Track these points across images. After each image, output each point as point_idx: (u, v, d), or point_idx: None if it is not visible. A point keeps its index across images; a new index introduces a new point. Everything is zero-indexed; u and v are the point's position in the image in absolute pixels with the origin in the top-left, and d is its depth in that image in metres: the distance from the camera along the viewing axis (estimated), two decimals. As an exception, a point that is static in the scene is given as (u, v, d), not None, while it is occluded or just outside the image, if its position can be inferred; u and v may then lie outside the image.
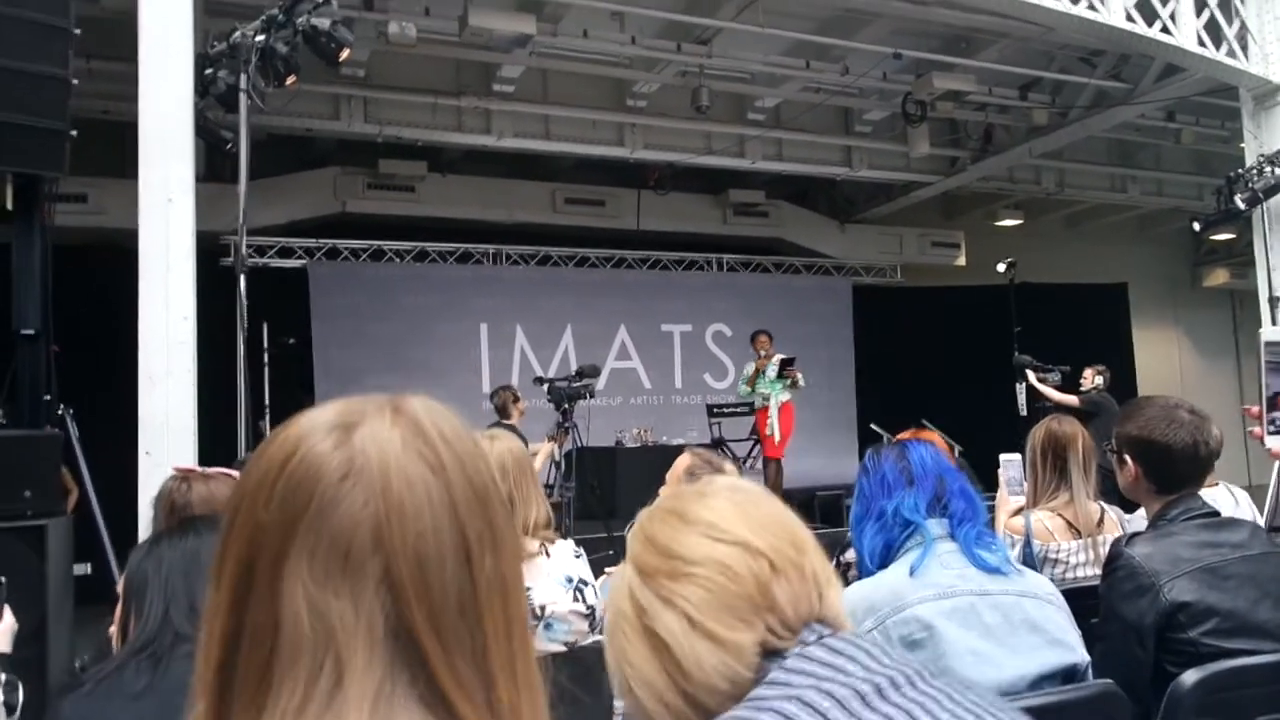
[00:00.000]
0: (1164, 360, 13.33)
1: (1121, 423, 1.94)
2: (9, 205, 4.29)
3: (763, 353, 7.85)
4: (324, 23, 4.48)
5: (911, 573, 1.50)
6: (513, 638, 0.57)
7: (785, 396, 7.85)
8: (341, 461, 0.56)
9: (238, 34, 4.49)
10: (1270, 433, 1.64)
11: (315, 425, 0.58)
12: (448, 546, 0.55)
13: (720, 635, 0.76)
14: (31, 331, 4.24)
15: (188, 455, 4.09)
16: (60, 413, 4.34)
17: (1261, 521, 2.59)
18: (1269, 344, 1.62)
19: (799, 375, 7.88)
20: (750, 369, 7.97)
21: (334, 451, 0.56)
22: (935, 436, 2.92)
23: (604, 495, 7.10)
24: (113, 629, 1.58)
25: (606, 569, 3.18)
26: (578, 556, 2.22)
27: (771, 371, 7.83)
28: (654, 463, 7.02)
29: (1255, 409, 1.65)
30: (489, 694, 0.55)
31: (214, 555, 0.58)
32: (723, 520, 0.82)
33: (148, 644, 1.41)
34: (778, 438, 7.76)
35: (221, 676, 0.55)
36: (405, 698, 0.53)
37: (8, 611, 1.89)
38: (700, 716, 0.76)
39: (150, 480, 3.84)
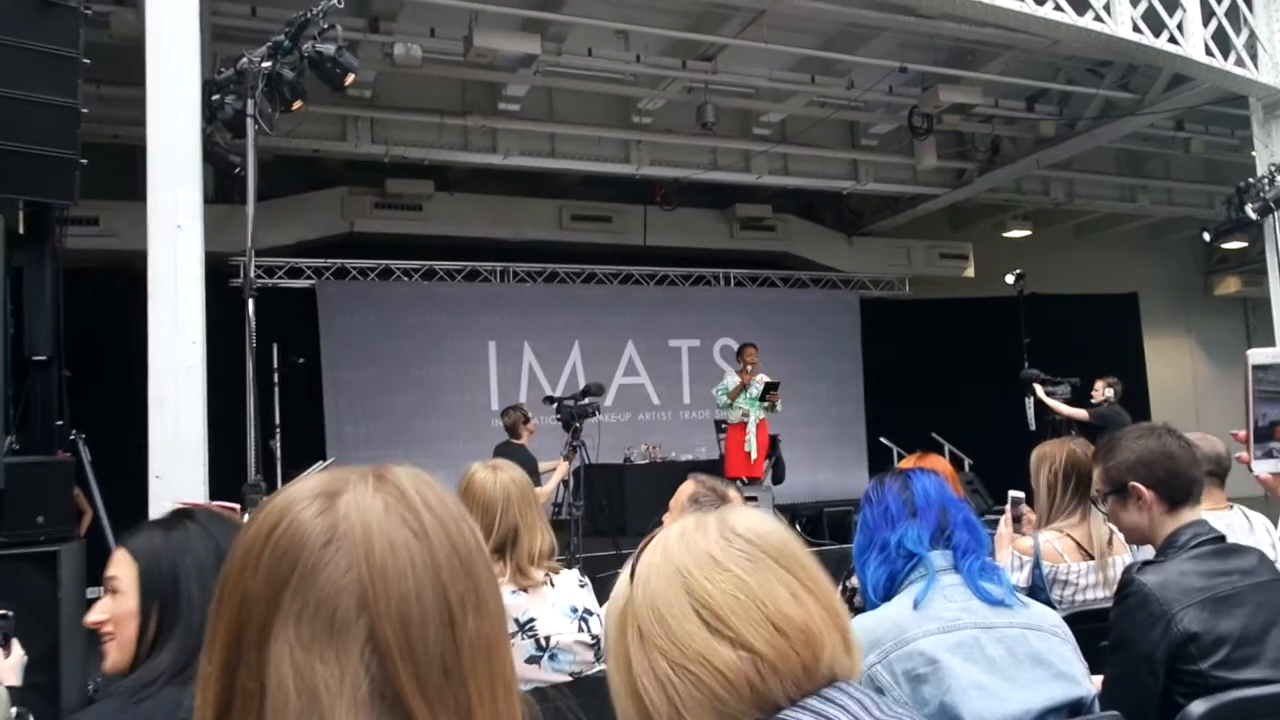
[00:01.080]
0: (1177, 370, 13.24)
1: (1106, 460, 1.93)
2: (20, 230, 4.35)
3: (749, 367, 7.65)
4: (329, 49, 4.52)
5: (915, 605, 1.49)
6: (497, 696, 0.58)
7: (762, 415, 7.68)
8: (325, 528, 0.57)
9: (244, 60, 4.53)
10: (1258, 457, 1.62)
11: (299, 494, 0.60)
12: (431, 609, 0.56)
13: None
14: (44, 357, 4.28)
15: (198, 478, 4.11)
16: (72, 437, 4.38)
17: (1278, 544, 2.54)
18: (1257, 368, 1.59)
19: (778, 401, 7.68)
20: (733, 381, 7.73)
21: (317, 518, 0.58)
22: (940, 462, 2.89)
23: (613, 513, 7.10)
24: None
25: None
26: (582, 586, 2.21)
27: (755, 389, 7.65)
28: (662, 480, 7.02)
29: (1242, 434, 1.63)
30: None
31: (208, 623, 0.60)
32: (727, 608, 0.80)
33: (188, 664, 1.21)
34: (755, 455, 7.56)
35: None
36: None
37: (16, 645, 1.89)
38: None
39: (161, 504, 3.86)
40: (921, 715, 1.41)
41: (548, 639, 2.08)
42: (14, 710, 1.85)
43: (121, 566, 1.34)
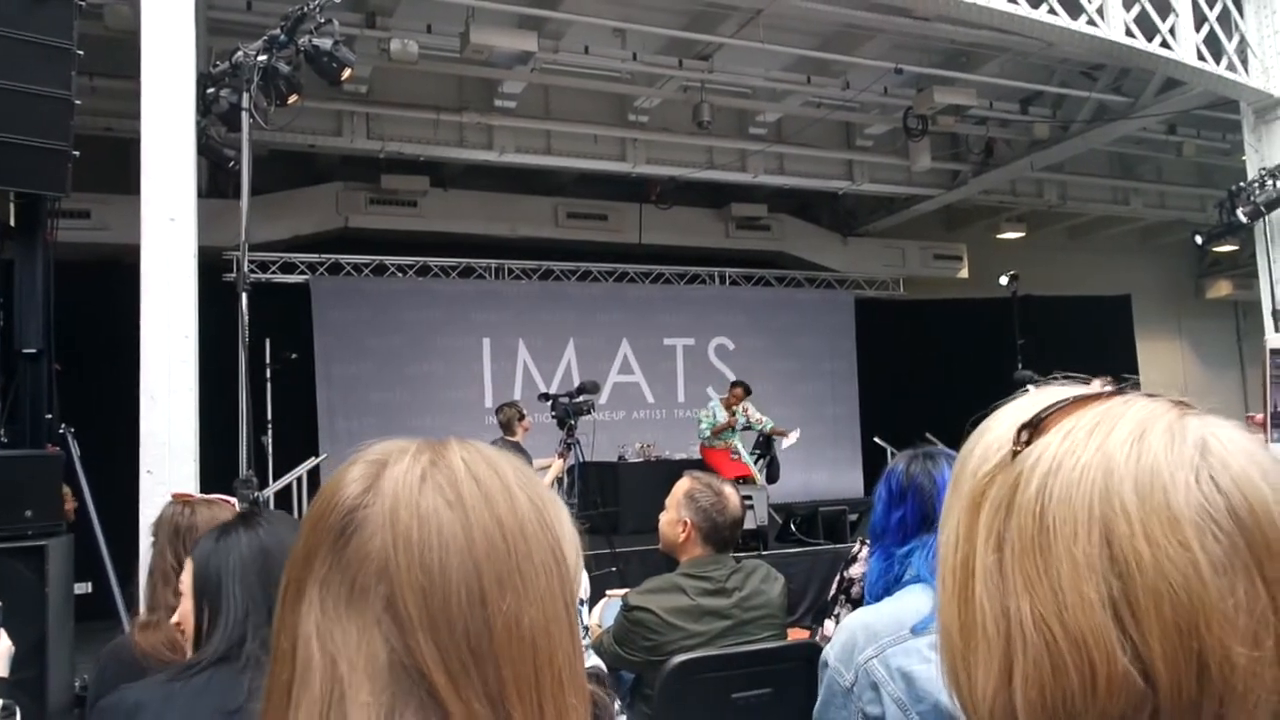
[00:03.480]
0: (1168, 372, 13.30)
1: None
2: (11, 223, 4.32)
3: (734, 409, 7.97)
4: (326, 43, 4.51)
5: (914, 602, 1.49)
6: (543, 687, 0.56)
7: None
8: (360, 494, 0.57)
9: (240, 53, 4.51)
10: (1275, 440, 1.62)
11: (358, 463, 0.60)
12: (457, 582, 0.55)
13: None
14: (33, 350, 4.26)
15: (189, 473, 4.09)
16: (61, 431, 4.35)
17: None
18: (1274, 352, 1.60)
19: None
20: (720, 417, 7.97)
21: (358, 486, 0.58)
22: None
23: (607, 511, 7.09)
24: (176, 620, 1.52)
25: (608, 592, 3.17)
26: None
27: (742, 421, 7.96)
28: (657, 478, 7.02)
29: (1260, 417, 1.64)
30: None
31: None
32: (1152, 599, 0.52)
33: (229, 653, 1.35)
34: (751, 465, 7.99)
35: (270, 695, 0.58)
36: None
37: (3, 635, 1.87)
38: None
39: (152, 499, 3.84)
40: (916, 712, 1.40)
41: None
42: (0, 700, 1.84)
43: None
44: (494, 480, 0.59)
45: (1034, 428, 0.57)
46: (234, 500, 2.02)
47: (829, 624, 2.09)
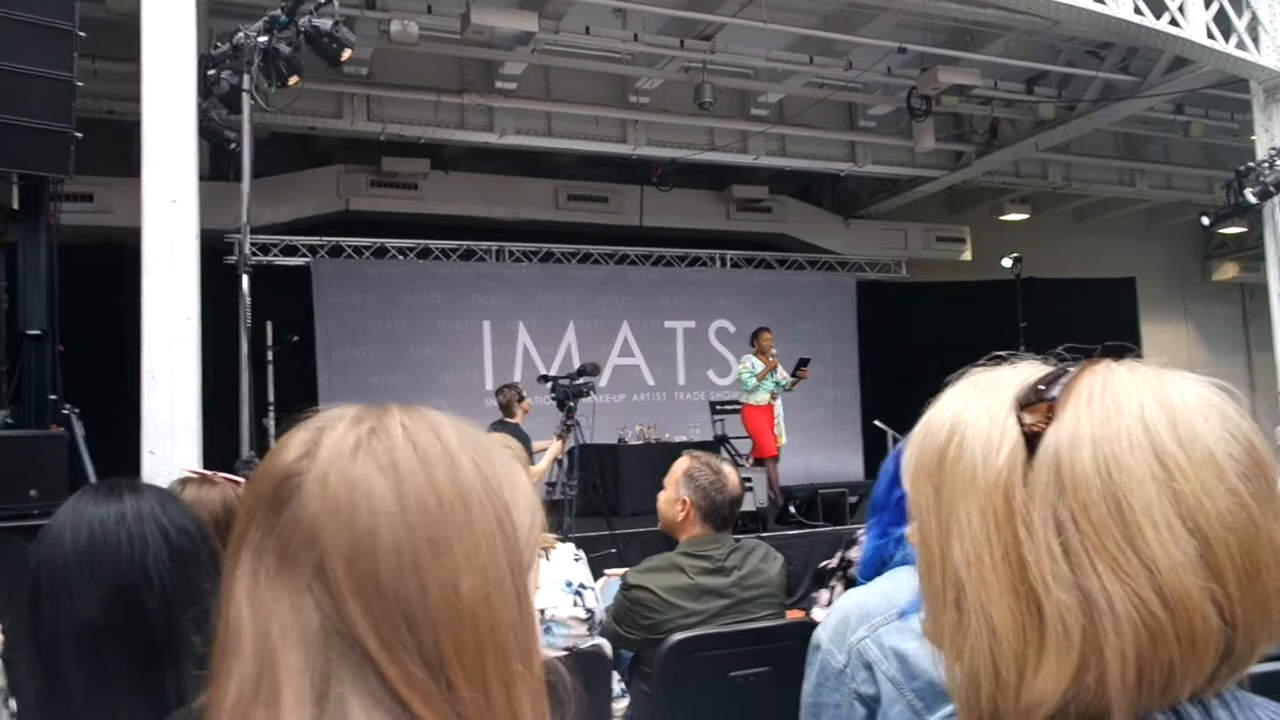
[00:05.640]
0: (1173, 355, 12.99)
1: None
2: (14, 205, 4.33)
3: (772, 351, 7.83)
4: (326, 23, 4.49)
5: (908, 581, 1.50)
6: (484, 652, 0.55)
7: (776, 396, 7.92)
8: (295, 460, 0.57)
9: (240, 35, 4.50)
10: None
11: (302, 429, 0.59)
12: (388, 547, 0.54)
13: None
14: (37, 332, 4.28)
15: (191, 454, 4.12)
16: (65, 412, 4.37)
17: None
18: None
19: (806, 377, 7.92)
20: (758, 364, 7.88)
21: (295, 451, 0.57)
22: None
23: (607, 493, 7.11)
24: None
25: (606, 571, 3.20)
26: (577, 560, 2.22)
27: (782, 371, 7.83)
28: (657, 460, 7.02)
29: None
30: (450, 694, 0.54)
31: None
32: (1220, 539, 0.56)
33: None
34: (785, 439, 7.83)
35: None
36: (355, 695, 0.53)
37: None
38: None
39: (154, 479, 3.86)
40: (910, 689, 1.41)
41: (542, 613, 2.10)
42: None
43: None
44: (434, 446, 0.57)
45: (1035, 407, 0.57)
46: (240, 480, 2.00)
47: (823, 594, 2.10)
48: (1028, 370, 0.60)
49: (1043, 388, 0.58)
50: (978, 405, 0.60)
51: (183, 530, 1.15)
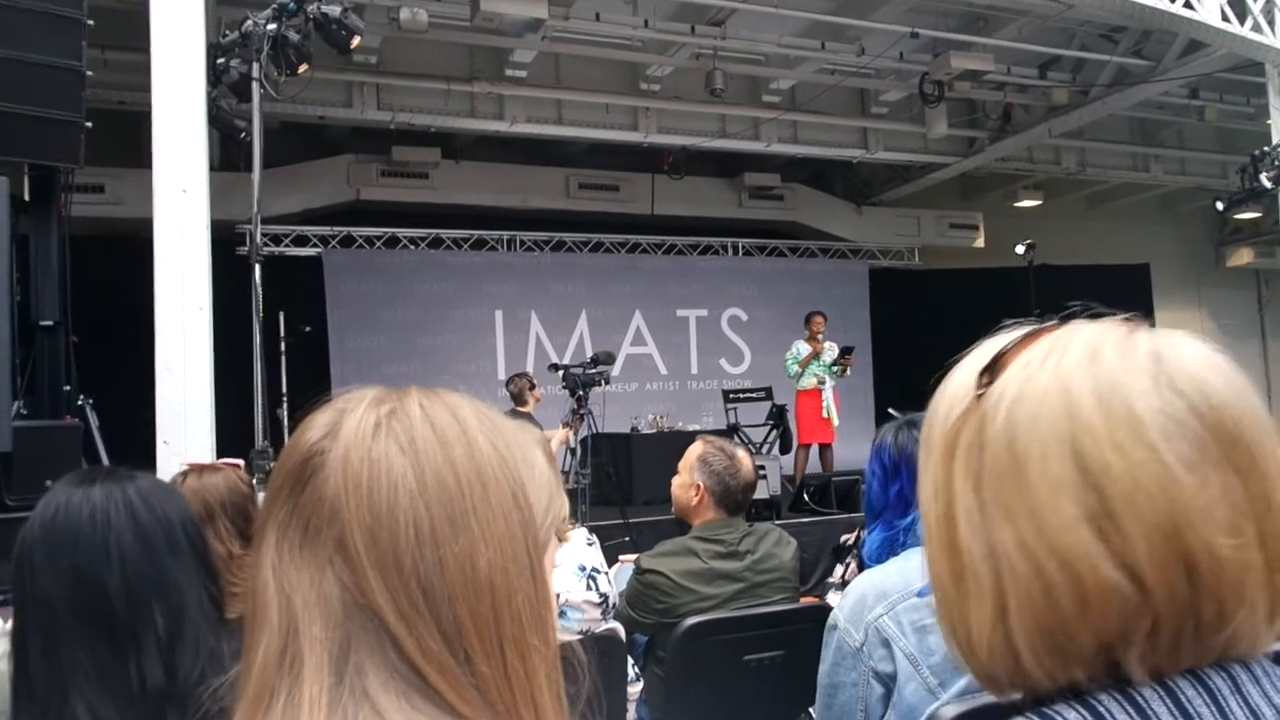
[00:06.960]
0: (1187, 342, 13.15)
1: None
2: (26, 197, 4.34)
3: (820, 335, 7.85)
4: (335, 10, 4.48)
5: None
6: (500, 625, 0.57)
7: (834, 381, 7.94)
8: (318, 441, 0.59)
9: (249, 23, 4.49)
10: None
11: (325, 410, 0.62)
12: (406, 523, 0.56)
13: None
14: (50, 323, 4.29)
15: (205, 444, 4.13)
16: (80, 403, 4.39)
17: None
18: None
19: (850, 366, 7.95)
20: (804, 349, 7.90)
21: (319, 432, 0.60)
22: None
23: (620, 481, 7.12)
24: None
25: (621, 556, 3.19)
26: (590, 544, 2.22)
27: (828, 357, 7.85)
28: (670, 449, 6.99)
29: None
30: (467, 666, 0.56)
31: None
32: (1127, 505, 0.54)
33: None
34: (836, 421, 7.84)
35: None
36: (373, 665, 0.55)
37: None
38: None
39: (168, 469, 3.88)
40: (926, 665, 1.41)
41: (557, 597, 2.09)
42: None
43: None
44: (452, 426, 0.60)
45: (993, 368, 0.59)
46: (238, 463, 2.00)
47: (838, 569, 2.09)
48: (1020, 335, 0.61)
49: (1002, 349, 0.59)
50: (965, 368, 0.62)
51: (156, 515, 1.14)
